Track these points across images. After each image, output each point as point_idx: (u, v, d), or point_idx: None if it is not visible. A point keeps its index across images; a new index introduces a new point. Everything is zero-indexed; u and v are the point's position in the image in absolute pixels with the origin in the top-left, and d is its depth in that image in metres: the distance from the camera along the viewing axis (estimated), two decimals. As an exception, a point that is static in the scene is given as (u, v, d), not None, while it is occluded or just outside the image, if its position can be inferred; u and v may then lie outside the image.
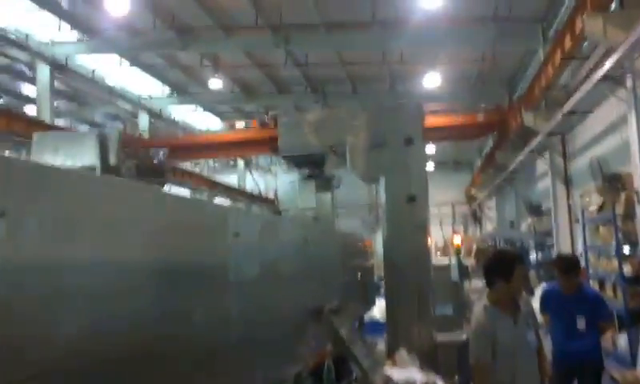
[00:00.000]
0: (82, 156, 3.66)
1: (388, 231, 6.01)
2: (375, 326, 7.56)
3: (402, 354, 4.89)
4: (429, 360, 5.65)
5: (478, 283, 14.07)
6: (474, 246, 23.42)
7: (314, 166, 6.41)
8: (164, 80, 21.17)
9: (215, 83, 19.65)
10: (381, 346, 6.08)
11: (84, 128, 23.86)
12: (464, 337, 7.21)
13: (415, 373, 4.50)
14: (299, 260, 3.53)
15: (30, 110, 17.89)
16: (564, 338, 5.61)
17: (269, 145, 15.65)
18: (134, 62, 18.69)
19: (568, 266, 5.74)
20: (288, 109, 19.96)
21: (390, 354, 5.16)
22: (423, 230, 6.05)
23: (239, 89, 21.59)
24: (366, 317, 7.82)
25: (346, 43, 16.92)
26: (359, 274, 5.71)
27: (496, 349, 3.95)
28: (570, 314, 5.56)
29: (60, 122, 21.06)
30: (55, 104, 21.56)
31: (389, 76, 20.20)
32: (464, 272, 8.56)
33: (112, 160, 3.54)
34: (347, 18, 15.76)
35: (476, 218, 32.05)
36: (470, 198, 31.48)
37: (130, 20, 15.35)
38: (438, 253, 23.29)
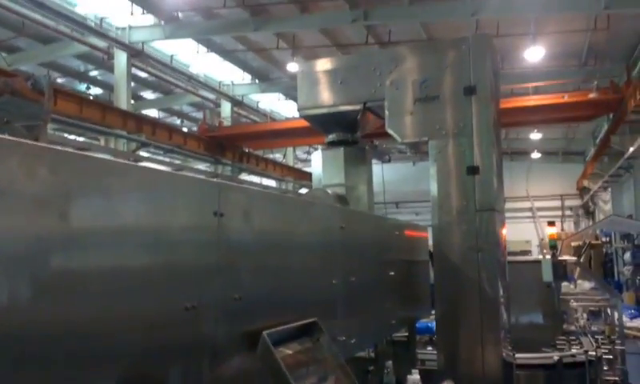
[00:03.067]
0: None
1: (439, 214, 4.50)
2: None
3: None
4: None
5: (584, 285, 11.92)
6: (586, 241, 20.90)
7: (343, 129, 4.99)
8: (244, 67, 20.49)
9: (294, 67, 18.65)
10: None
11: (171, 120, 23.91)
12: (556, 357, 5.55)
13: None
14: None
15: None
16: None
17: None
18: (211, 47, 18.11)
19: None
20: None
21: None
22: (489, 213, 4.48)
23: (320, 73, 20.45)
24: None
25: (431, 14, 15.28)
26: (391, 272, 4.24)
27: None
28: None
29: (148, 113, 21.17)
30: (140, 94, 21.80)
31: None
32: (560, 270, 6.80)
33: None
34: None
35: (588, 212, 29.14)
36: (582, 191, 28.70)
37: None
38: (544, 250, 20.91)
